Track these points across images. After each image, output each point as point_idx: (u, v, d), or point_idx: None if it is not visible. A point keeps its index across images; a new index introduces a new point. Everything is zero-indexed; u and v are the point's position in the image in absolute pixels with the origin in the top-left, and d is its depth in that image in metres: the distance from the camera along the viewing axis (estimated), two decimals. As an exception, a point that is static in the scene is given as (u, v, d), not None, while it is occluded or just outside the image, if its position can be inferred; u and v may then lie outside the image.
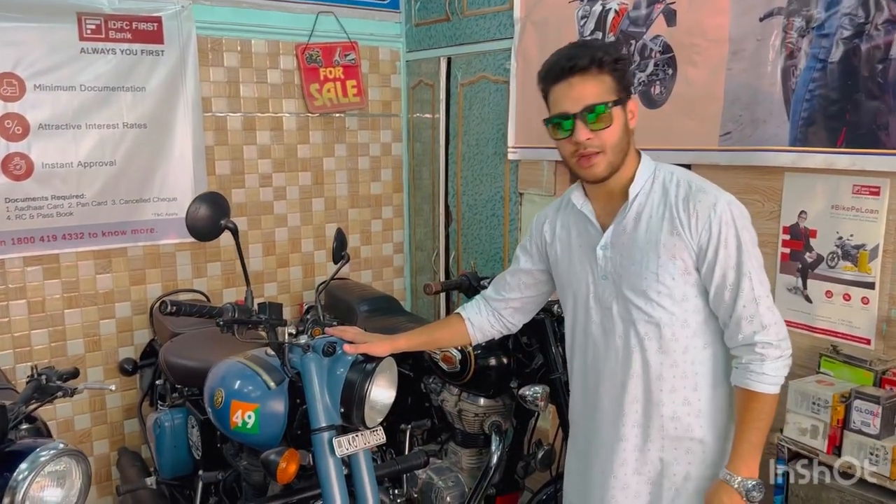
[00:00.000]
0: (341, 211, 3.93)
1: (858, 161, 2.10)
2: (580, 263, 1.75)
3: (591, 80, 1.56)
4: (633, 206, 1.64)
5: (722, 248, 1.57)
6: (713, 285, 1.60)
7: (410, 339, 2.05)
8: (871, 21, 2.05)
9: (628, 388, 1.68)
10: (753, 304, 1.57)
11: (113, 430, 3.46)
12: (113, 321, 3.38)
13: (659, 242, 1.61)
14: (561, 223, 1.83)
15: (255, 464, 2.24)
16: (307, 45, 3.68)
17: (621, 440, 1.71)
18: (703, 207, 1.58)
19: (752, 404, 1.59)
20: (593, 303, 1.73)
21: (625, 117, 1.61)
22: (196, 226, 1.88)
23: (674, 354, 1.64)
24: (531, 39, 3.18)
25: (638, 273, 1.63)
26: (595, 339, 1.74)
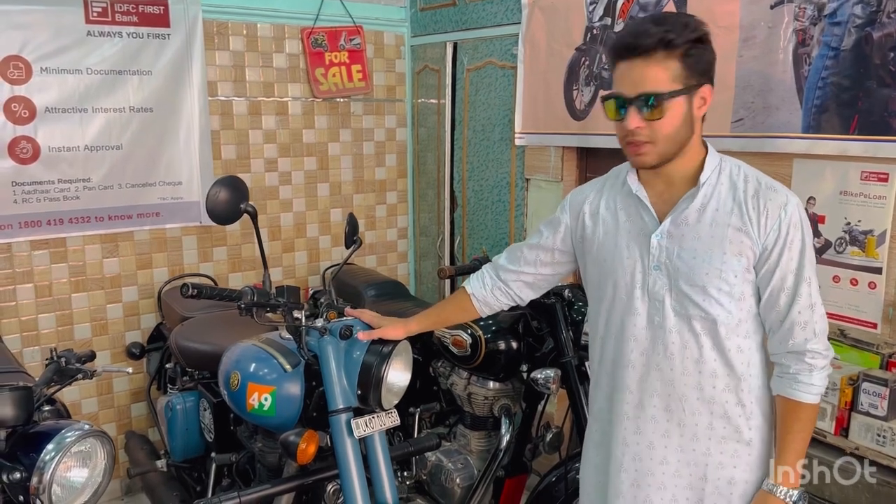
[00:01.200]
0: (346, 196, 3.94)
1: (871, 148, 2.12)
2: (628, 250, 1.64)
3: (655, 64, 1.45)
4: (699, 196, 1.55)
5: (787, 250, 1.51)
6: (770, 287, 1.53)
7: (422, 321, 2.04)
8: (884, 9, 2.07)
9: (678, 387, 1.60)
10: (809, 311, 1.52)
11: (120, 413, 3.47)
12: (120, 305, 3.39)
13: (725, 238, 1.53)
14: (605, 204, 1.71)
15: (270, 445, 2.27)
16: (312, 29, 3.68)
17: (665, 437, 1.63)
18: (774, 206, 1.51)
19: (798, 414, 1.54)
20: (640, 293, 1.62)
21: (689, 107, 1.49)
22: (216, 210, 1.89)
23: (728, 354, 1.57)
24: (539, 25, 3.18)
25: (699, 267, 1.55)
26: (638, 331, 1.63)
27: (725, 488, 1.61)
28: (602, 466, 1.75)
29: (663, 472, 1.64)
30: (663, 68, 1.45)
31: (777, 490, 1.55)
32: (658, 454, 1.64)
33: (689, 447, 1.62)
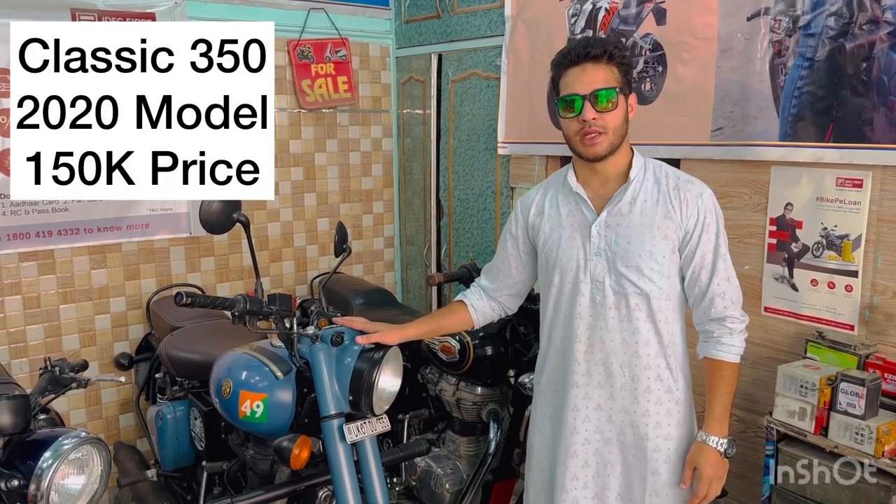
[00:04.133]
0: (333, 206, 3.98)
1: (846, 155, 2.20)
2: (570, 240, 1.88)
3: (602, 67, 1.76)
4: (629, 190, 1.81)
5: (705, 232, 1.79)
6: (692, 265, 1.80)
7: (419, 327, 2.14)
8: (856, 21, 2.15)
9: (618, 355, 1.83)
10: (726, 283, 1.80)
11: (108, 424, 3.47)
12: (108, 316, 3.40)
13: (653, 224, 1.79)
14: (549, 203, 1.95)
15: (262, 453, 2.29)
16: (298, 41, 3.71)
17: (610, 400, 1.86)
18: (692, 196, 1.79)
19: (723, 372, 1.80)
20: (583, 276, 1.85)
21: (626, 107, 1.80)
22: (209, 219, 1.92)
23: (659, 324, 1.82)
24: (522, 37, 3.25)
25: (633, 250, 1.80)
26: (583, 310, 1.86)
27: (663, 443, 1.84)
28: (552, 434, 1.96)
29: (610, 430, 1.87)
30: (608, 71, 1.76)
31: (709, 439, 1.79)
32: (604, 414, 1.87)
33: (630, 409, 1.85)
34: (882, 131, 2.12)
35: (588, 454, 1.89)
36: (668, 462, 1.84)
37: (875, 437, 1.96)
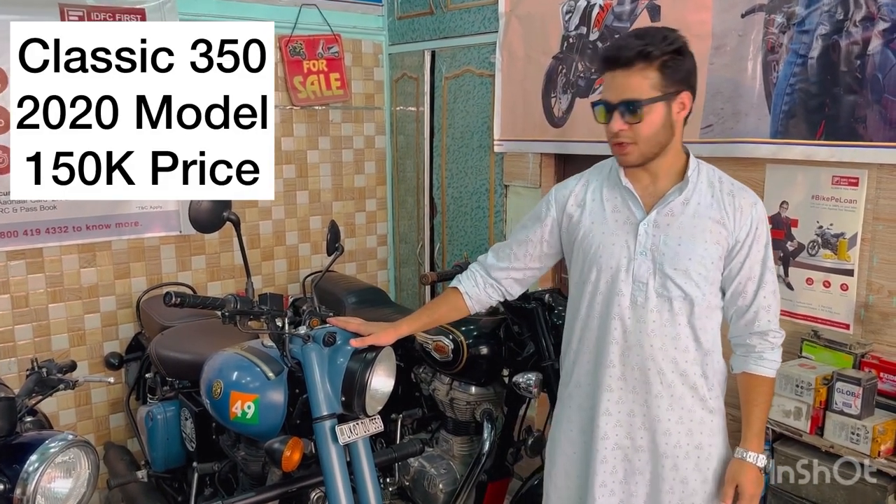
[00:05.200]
0: (325, 204, 3.95)
1: (837, 153, 2.18)
2: (614, 236, 1.79)
3: (635, 74, 1.63)
4: (684, 190, 1.74)
5: (756, 243, 1.72)
6: (739, 276, 1.74)
7: (413, 322, 2.07)
8: (850, 18, 2.13)
9: (657, 360, 1.76)
10: (773, 296, 1.75)
11: (98, 424, 3.44)
12: (97, 315, 3.37)
13: (706, 228, 1.72)
14: (591, 195, 1.85)
15: (253, 454, 2.27)
16: (290, 37, 3.68)
17: (644, 406, 1.79)
18: (747, 205, 1.73)
19: (763, 387, 1.76)
20: (625, 276, 1.77)
21: (668, 112, 1.66)
22: (199, 218, 1.89)
23: (699, 331, 1.75)
24: (516, 34, 3.22)
25: (683, 253, 1.72)
26: (622, 311, 1.77)
27: (694, 453, 1.79)
28: (582, 439, 1.88)
29: (641, 437, 1.81)
30: (643, 77, 1.63)
31: (748, 455, 1.75)
32: (637, 420, 1.80)
33: (664, 416, 1.78)
34: (876, 129, 2.10)
35: (617, 460, 1.83)
36: (698, 471, 1.79)
37: (871, 437, 1.95)
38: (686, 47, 1.66)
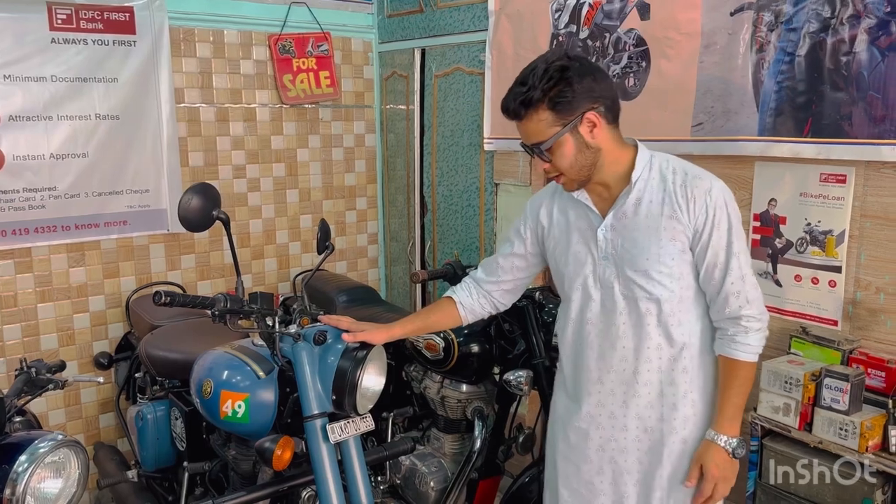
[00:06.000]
0: (315, 202, 3.94)
1: (823, 150, 2.19)
2: (578, 245, 1.84)
3: (528, 120, 1.69)
4: (634, 191, 1.74)
5: (715, 230, 1.69)
6: (705, 264, 1.72)
7: (405, 325, 2.09)
8: (837, 16, 2.15)
9: (630, 361, 1.79)
10: (741, 282, 1.71)
11: (88, 424, 3.42)
12: (87, 315, 3.35)
13: (660, 226, 1.72)
14: (558, 207, 1.91)
15: (244, 453, 2.26)
16: (280, 35, 3.67)
17: (624, 407, 1.82)
18: (700, 193, 1.70)
19: (737, 371, 1.74)
20: (593, 282, 1.82)
21: (577, 138, 1.69)
22: (188, 217, 1.89)
23: (671, 328, 1.76)
24: (505, 32, 3.23)
25: (640, 254, 1.74)
26: (594, 316, 1.82)
27: (679, 448, 1.80)
28: (568, 441, 1.93)
29: (625, 438, 1.83)
30: (536, 121, 1.68)
31: (718, 438, 1.74)
32: (619, 422, 1.83)
33: (645, 415, 1.81)
34: (861, 126, 2.12)
35: (603, 461, 1.86)
36: (684, 464, 1.80)
37: (859, 433, 1.96)
38: (570, 70, 1.66)
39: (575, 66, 1.68)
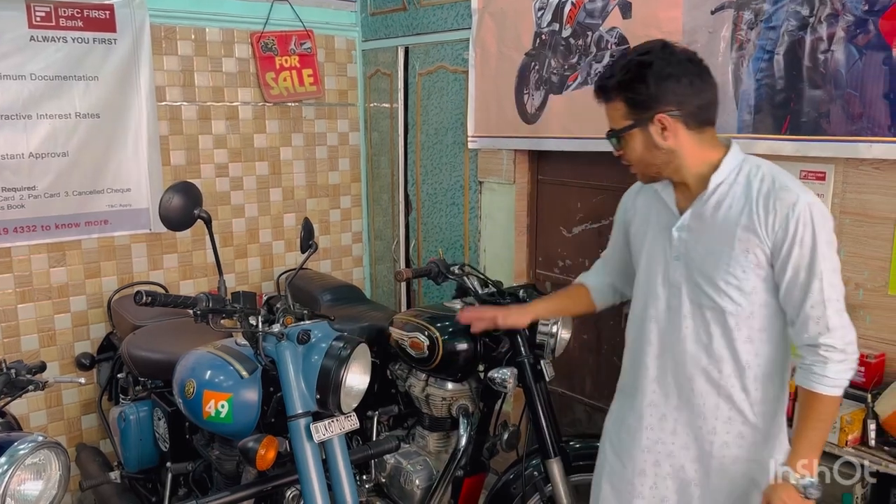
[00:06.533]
0: (299, 201, 3.93)
1: (802, 147, 2.21)
2: (654, 241, 1.80)
3: (609, 106, 1.70)
4: (715, 194, 1.67)
5: (797, 246, 1.58)
6: (784, 282, 1.61)
7: (548, 306, 2.25)
8: (816, 14, 2.17)
9: (688, 367, 1.73)
10: (821, 306, 1.58)
11: (70, 426, 3.40)
12: (68, 315, 3.32)
13: (734, 235, 1.63)
14: (643, 201, 1.89)
15: (227, 453, 2.25)
16: (262, 33, 3.66)
17: (676, 411, 1.77)
18: (783, 206, 1.58)
19: (813, 404, 1.61)
20: (661, 280, 1.77)
21: (646, 137, 1.66)
22: (169, 216, 1.88)
23: (736, 343, 1.67)
24: (489, 30, 3.23)
25: (710, 261, 1.67)
26: (659, 314, 1.78)
27: (730, 465, 1.73)
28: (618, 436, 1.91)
29: (673, 443, 1.79)
30: (614, 109, 1.69)
31: (790, 476, 1.60)
32: (669, 426, 1.79)
33: (696, 423, 1.75)
34: (839, 124, 2.14)
35: (647, 464, 1.82)
36: (733, 484, 1.73)
37: (839, 427, 1.98)
38: (650, 68, 1.62)
39: (659, 64, 1.62)
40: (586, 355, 3.20)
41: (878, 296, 2.16)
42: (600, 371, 3.17)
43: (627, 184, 2.96)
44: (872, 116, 2.07)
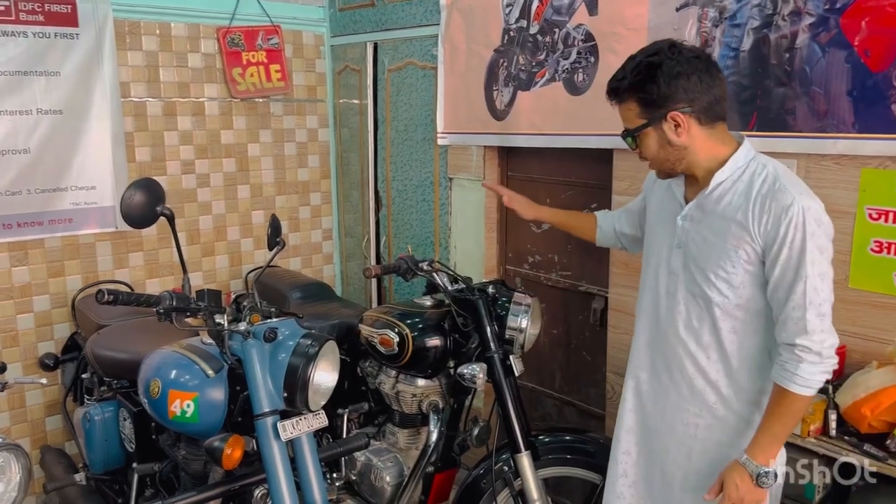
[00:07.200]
0: (268, 198, 3.90)
1: (769, 143, 2.24)
2: (662, 227, 1.90)
3: (622, 107, 1.75)
4: (718, 188, 1.73)
5: (786, 248, 1.62)
6: (772, 281, 1.66)
7: (553, 214, 2.41)
8: (779, 12, 2.20)
9: (678, 352, 1.83)
10: (802, 309, 1.62)
11: (34, 427, 3.33)
12: (31, 315, 3.26)
13: (729, 231, 1.69)
14: (658, 186, 1.96)
15: (194, 453, 2.23)
16: (228, 28, 3.62)
17: (665, 392, 1.88)
18: (778, 207, 1.62)
19: (782, 400, 1.66)
20: (664, 266, 1.86)
21: (660, 135, 1.71)
22: (131, 213, 1.85)
23: (722, 333, 1.75)
24: (457, 27, 3.23)
25: (704, 252, 1.75)
26: (659, 298, 1.88)
27: (713, 449, 1.81)
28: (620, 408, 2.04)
29: (662, 423, 1.89)
30: (627, 109, 1.74)
31: (748, 463, 1.68)
32: (659, 407, 1.90)
33: (683, 406, 1.84)
34: (804, 120, 2.17)
35: (631, 443, 1.96)
36: (713, 467, 1.79)
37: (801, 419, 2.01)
38: (661, 68, 1.66)
39: (668, 64, 1.66)
40: (555, 350, 3.22)
41: (839, 289, 2.17)
42: (569, 366, 3.19)
43: (594, 180, 2.99)
44: (836, 113, 2.10)
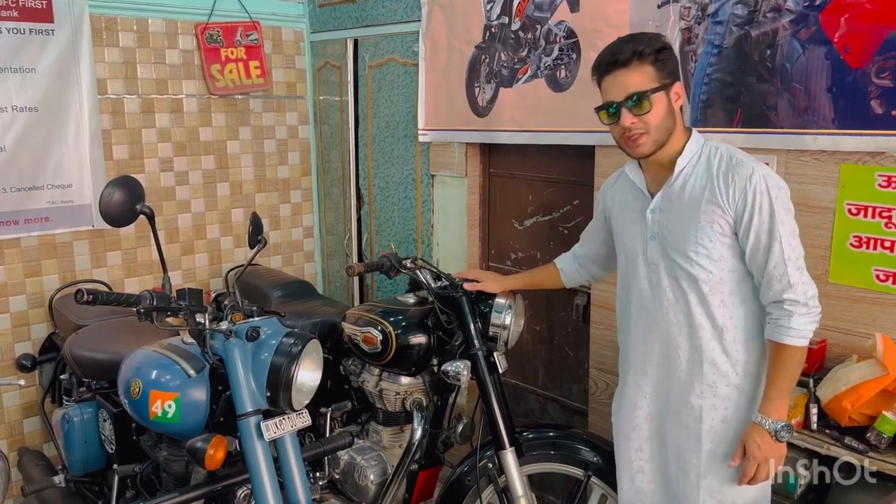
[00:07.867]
0: (248, 196, 3.86)
1: (753, 140, 2.26)
2: (632, 225, 1.98)
3: (633, 71, 1.78)
4: (681, 176, 1.85)
5: (756, 214, 1.75)
6: (748, 247, 1.78)
7: (517, 280, 2.46)
8: (760, 9, 2.21)
9: (673, 336, 1.90)
10: (783, 266, 1.75)
11: (12, 430, 3.28)
12: (7, 316, 3.21)
13: (699, 209, 1.81)
14: (619, 190, 2.06)
15: (175, 454, 2.21)
16: (207, 24, 3.58)
17: (667, 379, 1.94)
18: (741, 178, 1.76)
19: (782, 355, 1.77)
20: (642, 260, 1.95)
21: (668, 101, 1.81)
22: (110, 212, 1.82)
23: (712, 308, 1.84)
24: (438, 23, 3.21)
25: (681, 235, 1.84)
26: (642, 291, 1.95)
27: (720, 427, 1.88)
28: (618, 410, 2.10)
29: (668, 409, 1.96)
30: (641, 73, 1.78)
31: (764, 422, 1.78)
32: (663, 394, 1.97)
33: (685, 390, 1.90)
34: (785, 116, 2.19)
35: (652, 430, 2.00)
36: (724, 444, 1.87)
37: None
38: (669, 46, 1.82)
39: (671, 46, 1.83)
40: (539, 346, 3.23)
41: (819, 283, 2.19)
42: (553, 362, 3.20)
43: (576, 177, 3.00)
44: (816, 109, 2.12)
